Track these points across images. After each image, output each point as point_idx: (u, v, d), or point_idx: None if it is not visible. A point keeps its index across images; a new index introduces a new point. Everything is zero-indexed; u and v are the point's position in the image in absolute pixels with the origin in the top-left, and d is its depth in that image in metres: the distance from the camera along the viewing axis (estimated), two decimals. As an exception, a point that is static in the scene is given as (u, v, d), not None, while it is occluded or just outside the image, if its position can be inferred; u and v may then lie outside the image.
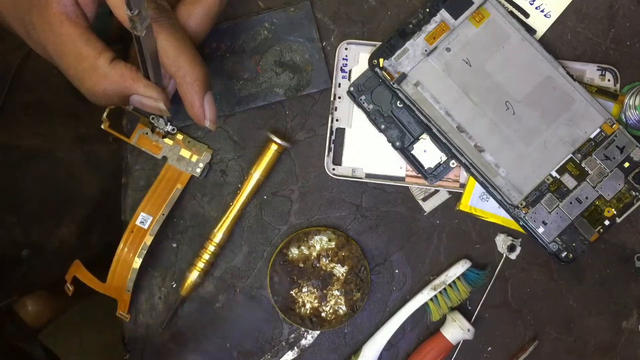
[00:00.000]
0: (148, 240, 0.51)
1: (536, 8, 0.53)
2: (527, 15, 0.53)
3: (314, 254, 0.53)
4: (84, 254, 0.59)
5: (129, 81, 0.41)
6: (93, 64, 0.40)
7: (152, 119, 0.51)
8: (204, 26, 0.44)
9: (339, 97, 0.53)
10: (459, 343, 0.53)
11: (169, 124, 0.51)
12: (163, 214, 0.51)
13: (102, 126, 0.51)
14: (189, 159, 0.52)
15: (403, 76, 0.51)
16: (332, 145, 0.53)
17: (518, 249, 0.53)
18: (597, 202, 0.51)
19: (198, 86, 0.42)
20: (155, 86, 0.42)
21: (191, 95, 0.42)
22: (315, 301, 0.53)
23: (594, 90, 0.52)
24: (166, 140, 0.52)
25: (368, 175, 0.53)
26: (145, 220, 0.51)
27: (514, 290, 0.54)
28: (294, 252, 0.53)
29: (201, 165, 0.52)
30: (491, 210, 0.53)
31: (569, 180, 0.51)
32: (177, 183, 0.51)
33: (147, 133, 0.51)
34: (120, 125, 0.52)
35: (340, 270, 0.53)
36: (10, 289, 0.71)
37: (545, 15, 0.53)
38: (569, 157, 0.51)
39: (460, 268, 0.53)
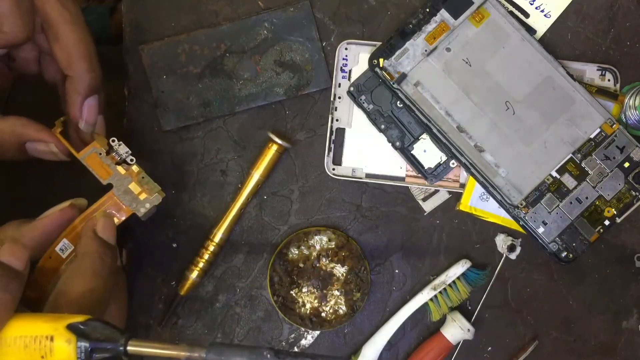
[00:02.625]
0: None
1: (536, 8, 0.53)
2: (527, 15, 0.53)
3: (314, 254, 0.53)
4: None
5: (20, 128, 0.42)
6: None
7: (113, 140, 0.46)
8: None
9: (339, 97, 0.53)
10: (459, 343, 0.53)
11: (129, 153, 0.46)
12: None
13: (53, 130, 0.46)
14: (136, 195, 0.46)
15: (403, 76, 0.51)
16: (332, 145, 0.53)
17: (518, 249, 0.53)
18: (597, 202, 0.51)
19: (83, 87, 0.42)
20: (47, 130, 0.43)
21: (73, 94, 0.43)
22: (315, 301, 0.53)
23: (594, 90, 0.52)
24: (119, 167, 0.46)
25: (368, 175, 0.53)
26: (65, 249, 0.44)
27: (514, 290, 0.54)
28: (294, 252, 0.53)
29: (148, 205, 0.46)
30: (491, 210, 0.53)
31: (569, 180, 0.51)
32: (115, 217, 0.46)
33: (100, 154, 0.46)
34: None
35: (340, 270, 0.53)
36: None
37: (545, 15, 0.53)
38: (569, 157, 0.51)
39: (460, 268, 0.53)
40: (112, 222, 0.44)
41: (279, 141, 0.51)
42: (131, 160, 0.46)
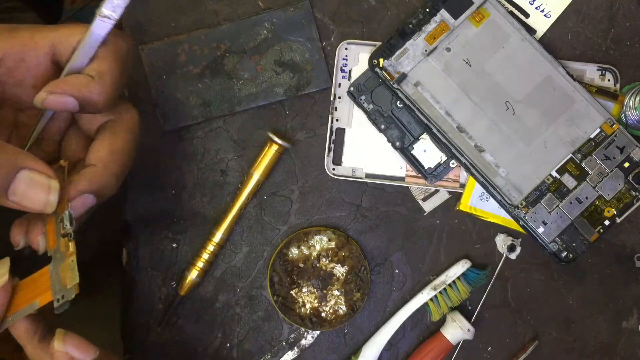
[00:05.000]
0: None
1: (536, 8, 0.53)
2: (527, 15, 0.53)
3: (314, 254, 0.53)
4: (82, 252, 0.59)
5: (14, 155, 0.35)
6: None
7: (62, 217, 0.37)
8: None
9: (339, 97, 0.53)
10: (459, 343, 0.53)
11: (72, 224, 0.37)
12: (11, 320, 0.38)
13: None
14: (61, 280, 0.37)
15: (403, 76, 0.51)
16: (332, 145, 0.53)
17: (518, 249, 0.53)
18: (597, 202, 0.51)
19: (98, 182, 0.39)
20: (43, 163, 0.36)
21: (84, 182, 0.38)
22: (315, 301, 0.53)
23: (594, 90, 0.52)
24: (62, 240, 0.37)
25: (368, 175, 0.53)
26: None
27: (514, 290, 0.54)
28: (294, 252, 0.53)
29: (64, 297, 0.36)
30: (491, 210, 0.53)
31: (569, 180, 0.51)
32: (39, 298, 0.37)
33: (61, 220, 0.37)
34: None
35: (340, 270, 0.53)
36: None
37: (545, 15, 0.53)
38: (569, 157, 0.51)
39: (460, 268, 0.53)
40: (80, 339, 0.38)
41: (279, 141, 0.51)
42: (71, 236, 0.37)
